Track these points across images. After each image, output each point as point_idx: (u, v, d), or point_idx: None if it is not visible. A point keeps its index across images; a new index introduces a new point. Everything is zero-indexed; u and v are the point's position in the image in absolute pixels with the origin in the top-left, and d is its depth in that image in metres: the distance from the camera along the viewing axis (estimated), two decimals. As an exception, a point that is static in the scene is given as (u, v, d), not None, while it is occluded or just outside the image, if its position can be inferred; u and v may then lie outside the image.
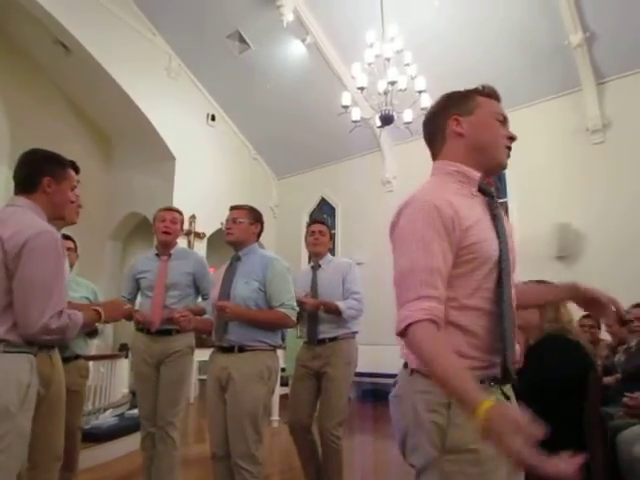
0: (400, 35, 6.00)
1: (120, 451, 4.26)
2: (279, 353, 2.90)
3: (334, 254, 9.56)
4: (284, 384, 5.82)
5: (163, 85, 8.62)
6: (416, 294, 1.16)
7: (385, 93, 5.88)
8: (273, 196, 10.70)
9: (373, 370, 7.90)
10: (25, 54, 8.55)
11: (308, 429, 3.10)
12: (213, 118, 9.47)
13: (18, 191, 1.86)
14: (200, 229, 8.82)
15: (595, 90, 6.92)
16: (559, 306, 2.56)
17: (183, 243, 7.92)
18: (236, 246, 2.68)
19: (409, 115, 6.02)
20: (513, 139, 1.38)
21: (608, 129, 6.93)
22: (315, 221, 3.52)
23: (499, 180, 7.38)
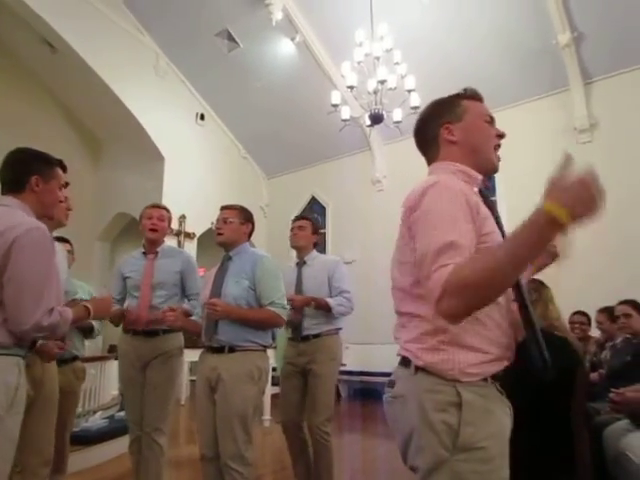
0: (389, 34, 6.02)
1: (110, 454, 4.22)
2: (270, 352, 2.89)
3: (325, 253, 9.56)
4: (275, 384, 5.81)
5: (151, 84, 8.58)
6: (445, 263, 1.10)
7: (375, 92, 5.89)
8: (263, 195, 10.69)
9: (363, 369, 7.93)
10: (11, 54, 8.46)
11: (299, 427, 3.11)
12: (202, 117, 9.44)
13: (6, 191, 1.84)
14: (190, 229, 8.78)
15: (583, 90, 7.00)
16: (547, 303, 2.59)
17: (173, 243, 7.87)
18: (227, 246, 2.66)
19: (399, 114, 6.04)
20: (502, 136, 1.41)
21: (595, 128, 7.01)
22: (296, 218, 3.50)
23: (488, 179, 7.44)
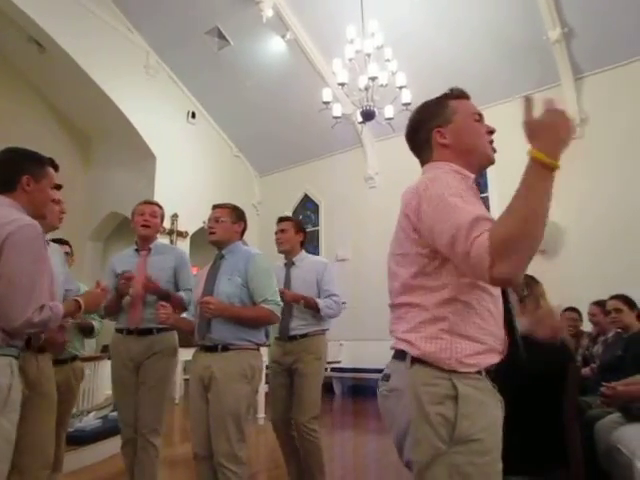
0: (380, 31, 6.01)
1: (104, 454, 4.20)
2: (263, 350, 2.89)
3: (318, 250, 9.58)
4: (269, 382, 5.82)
5: (141, 82, 8.53)
6: (477, 234, 1.08)
7: (366, 89, 5.89)
8: (256, 193, 10.67)
9: (355, 365, 7.95)
10: (-1, 52, 8.38)
11: (289, 424, 3.12)
12: (193, 115, 9.40)
13: None
14: (183, 228, 8.75)
15: (573, 85, 7.03)
16: (538, 299, 2.60)
17: (165, 242, 7.84)
18: (219, 245, 2.65)
19: (390, 111, 6.05)
20: (493, 132, 1.44)
21: (586, 124, 7.04)
22: (278, 220, 3.46)
23: (480, 175, 7.47)
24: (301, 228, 3.44)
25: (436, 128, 1.40)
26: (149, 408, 2.83)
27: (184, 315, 2.87)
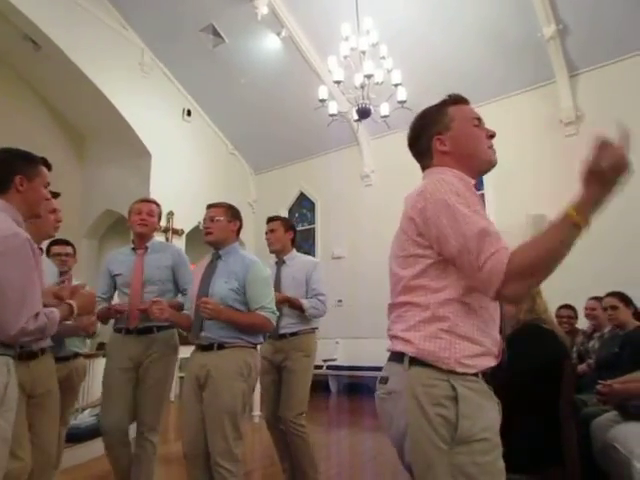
0: (375, 28, 6.00)
1: (98, 451, 4.15)
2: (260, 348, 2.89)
3: (314, 248, 9.58)
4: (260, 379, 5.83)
5: (136, 80, 8.48)
6: (492, 250, 1.15)
7: (362, 86, 5.87)
8: (251, 191, 10.64)
9: (351, 363, 7.96)
10: (-8, 50, 8.32)
11: (280, 421, 3.13)
12: (189, 113, 9.36)
13: None
14: (178, 225, 8.72)
15: (568, 82, 7.03)
16: (534, 296, 2.60)
17: (161, 240, 7.82)
18: (216, 245, 2.64)
19: (386, 108, 6.03)
20: (493, 136, 1.45)
21: (581, 121, 7.05)
22: (267, 220, 3.47)
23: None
24: (290, 226, 3.44)
25: (436, 135, 1.42)
26: (149, 407, 2.83)
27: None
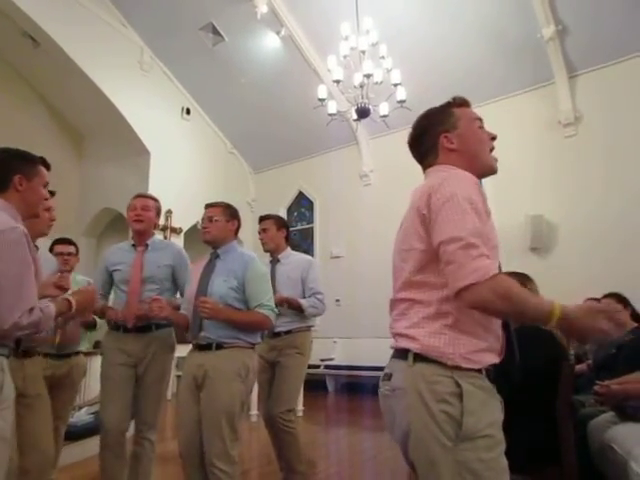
0: (374, 28, 6.00)
1: (95, 449, 4.10)
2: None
3: (312, 248, 9.58)
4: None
5: (135, 78, 8.47)
6: (480, 252, 1.19)
7: (361, 86, 5.87)
8: (250, 190, 10.63)
9: (349, 363, 7.95)
10: (-9, 47, 8.30)
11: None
12: (188, 112, 9.35)
13: None
14: (177, 224, 8.71)
15: (567, 83, 7.03)
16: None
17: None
18: (214, 245, 2.62)
19: (385, 108, 6.03)
20: (494, 138, 1.48)
21: (580, 122, 7.06)
22: (259, 220, 3.44)
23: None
24: (283, 224, 3.43)
25: (443, 134, 1.43)
26: (147, 405, 2.82)
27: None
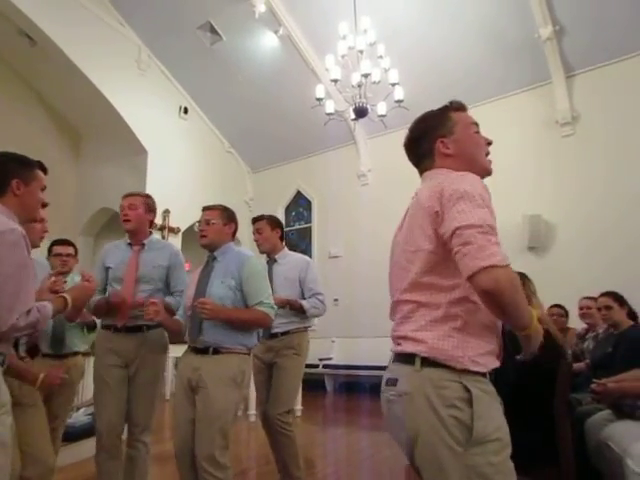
0: (373, 27, 6.00)
1: (92, 450, 4.13)
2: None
3: (311, 247, 9.58)
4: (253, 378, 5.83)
5: (133, 77, 8.46)
6: (497, 241, 1.19)
7: (359, 85, 5.87)
8: (248, 190, 10.62)
9: (347, 362, 7.95)
10: (-13, 46, 8.27)
11: None
12: (185, 111, 9.34)
13: None
14: (174, 224, 8.70)
15: (565, 83, 7.05)
16: (530, 296, 2.61)
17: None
18: (211, 248, 2.60)
19: (383, 108, 6.03)
20: (490, 143, 1.48)
21: (577, 122, 7.08)
22: (252, 221, 3.41)
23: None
24: (276, 224, 3.40)
25: (439, 138, 1.43)
26: (139, 407, 2.78)
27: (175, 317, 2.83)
